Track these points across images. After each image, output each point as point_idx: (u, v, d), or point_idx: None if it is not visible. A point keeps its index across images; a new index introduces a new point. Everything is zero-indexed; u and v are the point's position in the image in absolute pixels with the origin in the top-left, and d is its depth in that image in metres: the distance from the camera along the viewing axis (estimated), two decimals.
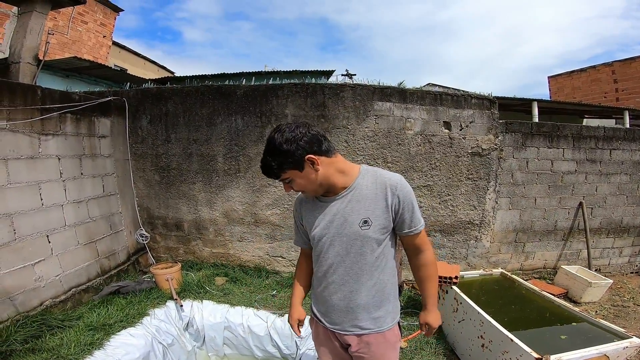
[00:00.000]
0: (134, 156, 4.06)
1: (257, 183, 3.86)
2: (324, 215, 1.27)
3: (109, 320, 2.71)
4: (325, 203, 1.28)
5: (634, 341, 2.08)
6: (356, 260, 1.24)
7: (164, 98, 3.92)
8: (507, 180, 3.93)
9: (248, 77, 6.31)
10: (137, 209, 4.10)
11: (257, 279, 3.81)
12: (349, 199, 1.24)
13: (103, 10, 9.29)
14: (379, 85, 3.78)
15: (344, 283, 1.26)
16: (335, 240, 1.25)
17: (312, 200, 1.33)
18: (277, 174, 1.20)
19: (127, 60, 10.17)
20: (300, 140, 1.15)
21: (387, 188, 1.21)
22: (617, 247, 4.43)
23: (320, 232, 1.28)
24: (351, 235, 1.22)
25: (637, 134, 4.23)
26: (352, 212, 1.22)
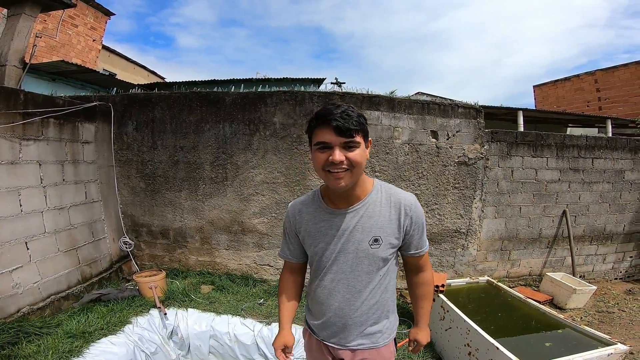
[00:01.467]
0: (119, 163, 3.99)
1: (244, 191, 3.83)
2: (329, 228, 1.16)
3: (89, 328, 2.67)
4: (332, 215, 1.16)
5: (618, 348, 2.09)
6: (361, 278, 1.17)
7: (151, 104, 3.88)
8: (493, 189, 3.98)
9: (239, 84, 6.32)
10: (121, 216, 4.03)
11: (244, 288, 3.77)
12: (361, 214, 1.14)
13: (94, 13, 9.21)
14: (368, 94, 3.82)
15: (345, 301, 1.18)
16: (340, 257, 1.16)
17: (315, 210, 1.20)
18: (355, 128, 1.00)
19: (116, 65, 10.07)
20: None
21: (401, 208, 1.15)
22: (601, 253, 4.51)
23: (324, 247, 1.17)
24: (359, 253, 1.14)
25: (618, 143, 4.34)
26: (362, 229, 1.14)
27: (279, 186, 3.79)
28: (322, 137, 1.00)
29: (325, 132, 0.99)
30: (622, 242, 4.54)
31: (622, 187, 4.38)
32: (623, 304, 3.87)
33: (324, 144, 1.01)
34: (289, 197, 3.78)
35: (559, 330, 2.52)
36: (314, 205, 1.22)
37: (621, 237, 4.51)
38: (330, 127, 0.98)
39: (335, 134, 0.98)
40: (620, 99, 9.60)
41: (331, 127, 0.98)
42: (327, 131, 0.99)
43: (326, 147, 1.01)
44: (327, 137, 0.99)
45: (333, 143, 1.00)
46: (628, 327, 3.33)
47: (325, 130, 0.99)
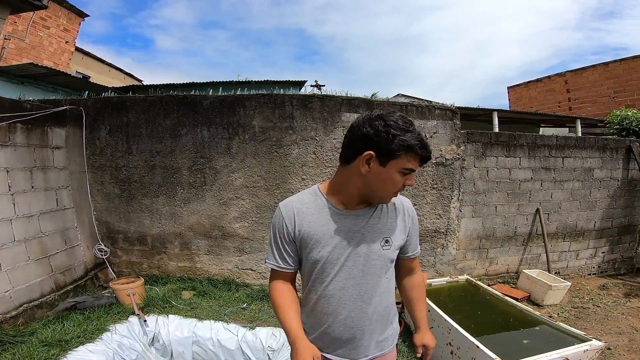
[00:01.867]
0: (92, 168, 3.87)
1: (224, 196, 3.78)
2: (338, 230, 1.08)
3: (65, 336, 2.62)
4: (342, 216, 1.09)
5: (593, 344, 2.14)
6: (371, 282, 1.11)
7: (125, 108, 3.78)
8: (469, 189, 4.07)
9: (218, 86, 6.24)
10: (95, 223, 3.91)
11: (227, 292, 3.72)
12: (371, 214, 1.11)
13: (67, 15, 8.95)
14: (347, 96, 3.84)
15: (356, 309, 1.10)
16: (349, 260, 1.09)
17: (319, 211, 1.10)
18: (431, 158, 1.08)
19: (90, 67, 9.77)
20: None
21: (404, 209, 1.17)
22: (574, 250, 4.66)
23: (331, 251, 1.08)
24: (370, 254, 1.09)
25: (587, 143, 4.51)
26: (373, 230, 1.10)
27: (259, 190, 3.76)
28: (411, 165, 1.00)
29: (415, 161, 1.01)
30: (594, 238, 4.70)
31: (592, 185, 4.55)
32: (597, 299, 3.97)
33: (411, 170, 1.02)
34: (269, 201, 3.76)
35: (536, 327, 2.58)
36: (315, 205, 1.11)
37: (593, 233, 4.67)
38: (420, 157, 1.01)
39: (419, 163, 1.02)
40: (589, 99, 10.01)
41: (420, 157, 1.01)
42: (416, 160, 1.01)
43: (410, 172, 1.03)
44: (415, 165, 1.01)
45: (415, 169, 1.03)
46: (603, 322, 3.40)
47: (414, 158, 1.00)
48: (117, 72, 10.35)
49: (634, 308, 3.72)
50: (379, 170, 1.00)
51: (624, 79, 9.09)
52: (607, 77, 9.52)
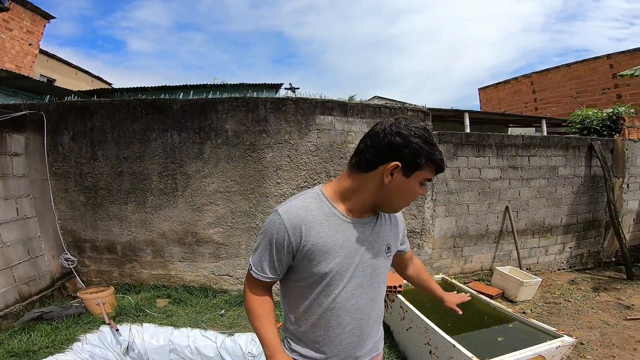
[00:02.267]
0: (55, 176, 3.70)
1: (197, 202, 3.69)
2: (347, 240, 1.02)
3: (33, 347, 2.58)
4: (351, 225, 1.03)
5: (565, 340, 2.18)
6: (379, 290, 1.12)
7: (89, 112, 3.64)
8: (442, 189, 4.16)
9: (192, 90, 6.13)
10: (60, 232, 3.75)
11: (204, 299, 3.65)
12: (375, 222, 1.08)
13: (31, 17, 8.55)
14: (321, 99, 3.85)
15: (362, 317, 1.08)
16: (358, 270, 1.05)
17: (326, 219, 1.01)
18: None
19: (56, 70, 9.35)
20: None
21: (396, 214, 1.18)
22: (543, 246, 4.83)
23: (341, 262, 1.01)
24: (376, 263, 1.08)
25: (551, 141, 4.70)
26: (378, 238, 1.08)
27: (233, 195, 3.69)
28: (429, 175, 0.99)
29: (431, 171, 0.99)
30: (561, 234, 4.88)
31: (557, 182, 4.74)
32: (568, 294, 4.08)
33: (429, 180, 1.02)
34: (244, 206, 3.70)
35: (510, 325, 2.61)
36: (322, 212, 1.01)
37: (560, 229, 4.85)
38: (437, 168, 1.00)
39: (435, 174, 1.02)
40: (553, 99, 10.45)
41: (437, 169, 1.00)
42: (433, 171, 1.00)
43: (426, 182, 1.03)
44: (432, 175, 1.00)
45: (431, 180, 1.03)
46: (575, 317, 3.48)
47: (432, 169, 0.99)
48: (85, 75, 9.95)
49: (603, 302, 3.84)
50: (402, 181, 0.97)
51: (585, 79, 9.54)
52: (569, 78, 9.96)
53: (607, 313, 3.57)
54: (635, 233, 5.35)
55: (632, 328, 3.23)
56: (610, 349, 2.88)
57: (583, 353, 2.82)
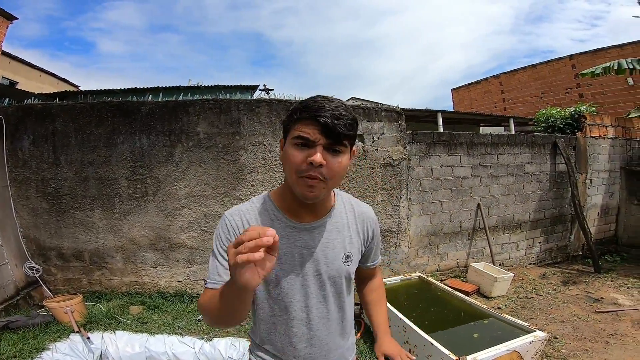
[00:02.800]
0: (15, 182, 3.52)
1: (168, 206, 3.59)
2: (292, 246, 0.94)
3: (0, 356, 2.55)
4: (296, 230, 0.95)
5: (537, 335, 2.25)
6: (334, 300, 1.02)
7: (51, 115, 3.48)
8: (416, 188, 4.23)
9: (165, 92, 5.96)
10: (22, 240, 3.57)
11: (180, 305, 3.56)
12: (329, 227, 0.98)
13: None
14: (295, 100, 3.83)
15: (320, 328, 1.00)
16: (310, 279, 0.96)
17: (270, 223, 0.95)
18: (346, 132, 0.83)
19: (19, 73, 8.88)
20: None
21: (365, 220, 1.06)
22: (514, 241, 4.98)
23: (288, 270, 0.94)
24: (332, 273, 0.98)
25: (518, 139, 4.87)
26: (332, 245, 0.98)
27: (206, 199, 3.62)
28: (304, 132, 0.81)
29: (309, 128, 0.81)
30: (530, 230, 5.04)
31: (524, 179, 4.91)
32: (539, 288, 4.18)
33: (305, 139, 0.81)
34: (219, 210, 3.63)
35: (485, 321, 2.67)
36: (265, 215, 0.96)
37: (528, 224, 5.02)
38: (317, 123, 0.80)
39: (320, 133, 0.81)
40: (520, 99, 10.89)
41: (317, 124, 0.80)
42: (312, 127, 0.81)
43: (306, 144, 0.82)
44: (313, 134, 0.80)
45: (316, 141, 0.81)
46: (547, 311, 3.56)
47: (310, 125, 0.81)
48: (50, 77, 9.50)
49: (573, 296, 3.96)
50: (284, 150, 0.87)
51: (550, 80, 9.99)
52: (535, 78, 10.40)
53: (578, 306, 3.68)
54: (600, 227, 5.60)
55: (602, 321, 3.32)
56: (583, 343, 2.95)
57: (557, 347, 2.88)
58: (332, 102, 0.83)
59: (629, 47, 8.13)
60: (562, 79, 9.63)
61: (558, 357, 2.74)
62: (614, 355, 2.75)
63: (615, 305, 3.67)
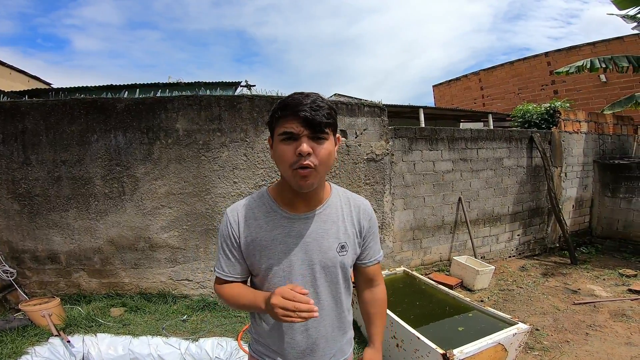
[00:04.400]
0: None
1: (147, 205, 3.50)
2: (287, 236, 1.00)
3: None
4: (290, 220, 1.01)
5: (520, 327, 2.28)
6: (329, 291, 1.05)
7: (20, 113, 3.33)
8: (399, 182, 4.27)
9: (140, 88, 5.79)
10: None
11: (164, 306, 3.49)
12: (324, 218, 1.03)
13: None
14: (277, 95, 3.81)
15: (315, 320, 1.02)
16: (303, 269, 1.01)
17: (266, 215, 1.02)
18: (326, 121, 0.89)
19: None
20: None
21: (360, 212, 1.09)
22: (494, 234, 5.10)
23: (281, 258, 0.99)
24: (326, 262, 1.01)
25: (496, 134, 4.98)
26: (327, 235, 1.02)
27: (187, 197, 3.54)
28: (287, 127, 0.88)
29: (292, 123, 0.88)
30: (509, 222, 5.17)
31: (503, 173, 5.03)
32: (520, 280, 4.29)
33: (289, 134, 0.88)
34: (200, 207, 3.57)
35: (469, 314, 2.70)
36: (262, 209, 1.03)
37: (507, 217, 5.15)
38: (298, 118, 0.87)
39: (302, 125, 0.87)
40: (498, 95, 11.14)
41: (299, 119, 0.87)
42: (294, 122, 0.88)
43: (292, 137, 0.88)
44: (296, 128, 0.87)
45: (300, 134, 0.88)
46: (528, 303, 3.64)
47: (292, 121, 0.88)
48: (20, 75, 9.09)
49: (552, 287, 4.07)
50: (274, 148, 0.95)
51: (526, 76, 10.25)
52: (512, 75, 10.65)
53: (557, 298, 3.78)
54: (575, 219, 5.81)
55: (581, 313, 3.43)
56: (563, 334, 3.03)
57: (539, 339, 2.95)
58: (308, 96, 0.90)
59: (602, 45, 8.43)
60: (538, 75, 9.90)
61: (540, 349, 2.80)
62: (594, 347, 2.83)
63: (592, 296, 3.80)
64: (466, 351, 2.06)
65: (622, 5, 5.15)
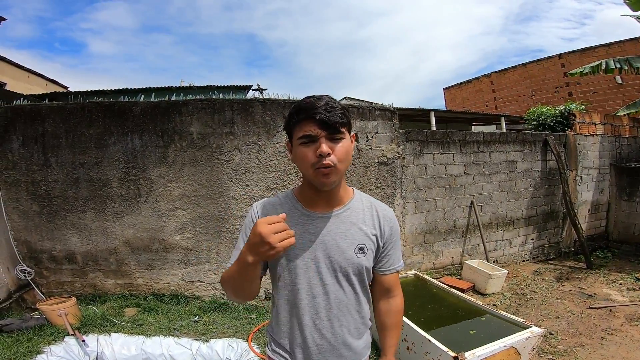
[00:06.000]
0: (4, 184, 3.47)
1: (162, 207, 3.56)
2: (306, 232, 1.01)
3: None
4: (310, 218, 1.02)
5: (534, 330, 2.25)
6: (347, 291, 1.04)
7: (40, 117, 3.43)
8: (410, 186, 4.25)
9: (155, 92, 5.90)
10: (13, 244, 3.53)
11: (176, 306, 3.53)
12: (343, 219, 1.04)
13: None
14: (289, 99, 3.83)
15: (330, 318, 1.03)
16: (322, 266, 1.01)
17: (288, 211, 1.01)
18: (341, 121, 0.93)
19: (6, 74, 8.73)
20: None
21: (381, 217, 1.09)
22: (507, 238, 5.03)
23: (298, 254, 1.01)
24: (343, 262, 1.02)
25: (509, 137, 4.93)
26: (346, 235, 1.03)
27: (201, 199, 3.59)
28: (309, 131, 0.91)
29: (309, 126, 0.91)
30: (523, 226, 5.10)
31: (516, 177, 4.97)
32: (533, 284, 4.23)
33: (308, 137, 0.91)
34: (213, 210, 3.61)
35: (482, 317, 2.67)
36: (285, 206, 1.05)
37: (521, 221, 5.07)
38: (315, 120, 0.90)
39: (320, 127, 0.91)
40: (511, 98, 11.01)
41: (315, 121, 0.90)
42: (311, 125, 0.91)
43: (311, 139, 0.92)
44: (315, 130, 0.91)
45: (318, 135, 0.91)
46: (542, 307, 3.59)
47: (309, 124, 0.91)
48: (38, 78, 9.35)
49: (567, 292, 4.01)
50: (294, 150, 0.98)
51: (540, 78, 10.11)
52: (525, 77, 10.52)
53: (572, 302, 3.72)
54: (590, 223, 5.69)
55: (596, 317, 3.36)
56: (578, 338, 2.98)
57: (553, 343, 2.90)
58: (321, 99, 0.94)
59: (617, 46, 8.27)
60: (551, 77, 9.75)
61: (554, 353, 2.76)
62: (609, 351, 2.77)
63: (608, 300, 3.72)
64: (478, 354, 2.04)
65: (636, 7, 5.07)
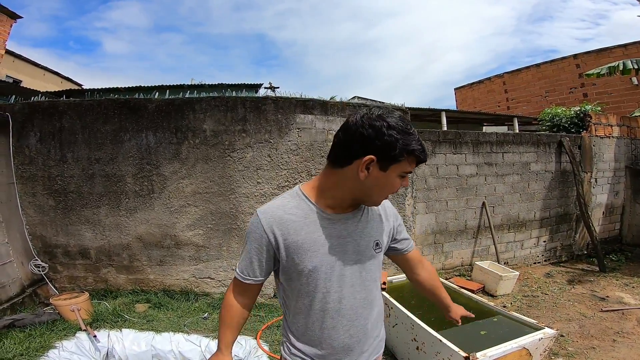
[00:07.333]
0: (21, 179, 3.53)
1: (174, 204, 3.59)
2: (329, 236, 1.00)
3: (7, 354, 2.52)
4: (331, 221, 1.01)
5: (547, 332, 2.21)
6: (369, 287, 1.08)
7: (57, 113, 3.49)
8: (422, 186, 4.23)
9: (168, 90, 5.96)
10: (28, 238, 3.58)
11: (186, 303, 3.56)
12: (360, 217, 1.06)
13: None
14: (301, 97, 3.83)
15: (357, 317, 1.05)
16: (345, 268, 1.02)
17: (305, 216, 1.00)
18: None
19: (22, 71, 8.93)
20: None
21: (385, 208, 1.15)
22: (519, 240, 4.97)
23: (323, 259, 1.00)
24: (365, 260, 1.05)
25: (523, 138, 4.87)
26: (363, 233, 1.05)
27: (212, 196, 3.62)
28: (411, 168, 0.96)
29: (413, 164, 0.95)
30: (535, 228, 5.03)
31: (529, 178, 4.91)
32: (545, 287, 4.17)
33: (410, 173, 0.99)
34: (225, 207, 3.64)
35: (493, 318, 2.63)
36: (300, 210, 1.01)
37: (534, 223, 5.01)
38: (419, 161, 0.96)
39: (416, 165, 0.98)
40: (524, 98, 10.87)
41: (418, 161, 0.95)
42: (414, 163, 0.95)
43: (407, 175, 0.98)
44: (413, 167, 0.97)
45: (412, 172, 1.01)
46: (553, 310, 3.55)
47: (413, 162, 0.95)
48: (54, 76, 9.55)
49: (579, 294, 3.95)
50: (379, 175, 0.93)
51: (554, 79, 9.96)
52: (539, 77, 10.38)
53: (583, 305, 3.66)
54: (604, 226, 5.59)
55: (608, 319, 3.31)
56: (589, 340, 2.94)
57: (564, 345, 2.87)
58: (414, 135, 0.93)
59: (633, 47, 8.12)
60: (566, 78, 9.60)
61: (565, 355, 2.73)
62: (621, 353, 2.74)
63: (620, 303, 3.66)
64: (490, 354, 2.02)
65: None
